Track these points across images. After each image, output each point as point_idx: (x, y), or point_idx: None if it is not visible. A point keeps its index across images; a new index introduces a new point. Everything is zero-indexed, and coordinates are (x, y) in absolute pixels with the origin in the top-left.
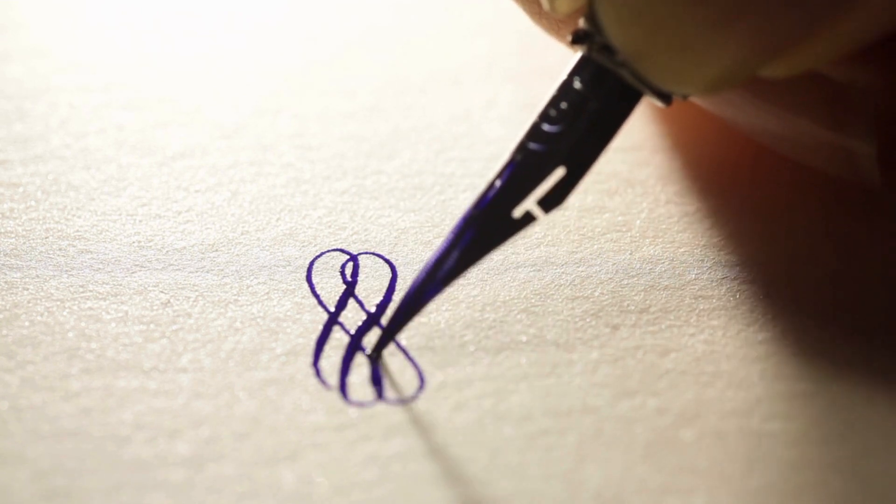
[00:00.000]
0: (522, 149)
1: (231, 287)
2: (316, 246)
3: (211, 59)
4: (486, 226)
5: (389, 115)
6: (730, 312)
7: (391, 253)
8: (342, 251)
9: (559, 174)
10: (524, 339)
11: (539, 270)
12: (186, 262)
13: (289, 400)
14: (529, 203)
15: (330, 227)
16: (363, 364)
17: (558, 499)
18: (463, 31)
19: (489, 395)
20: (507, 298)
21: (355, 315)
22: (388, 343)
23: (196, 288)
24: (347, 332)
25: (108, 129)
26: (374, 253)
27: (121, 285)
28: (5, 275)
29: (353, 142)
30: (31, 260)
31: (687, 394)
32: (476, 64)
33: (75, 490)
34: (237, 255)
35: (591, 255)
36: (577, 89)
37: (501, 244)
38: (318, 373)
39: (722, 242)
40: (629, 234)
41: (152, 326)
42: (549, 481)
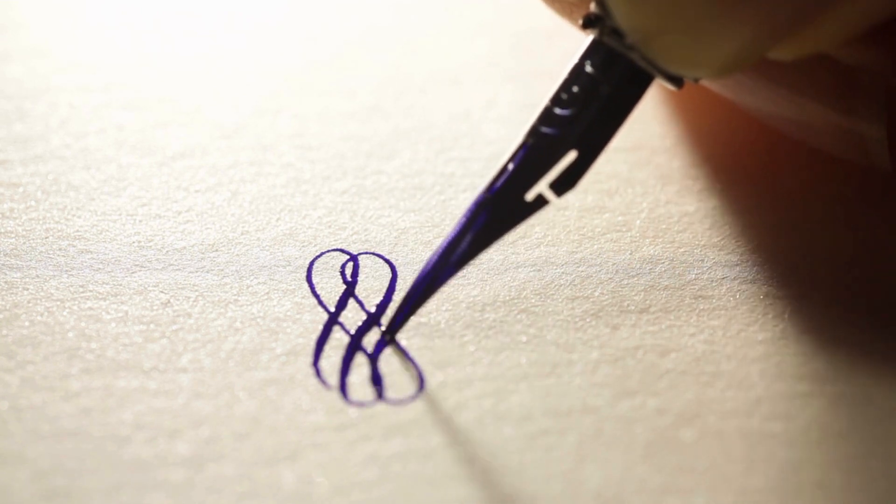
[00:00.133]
0: (534, 132)
1: (231, 287)
2: (316, 246)
3: (211, 59)
4: (499, 209)
5: (389, 115)
6: (730, 312)
7: (391, 253)
8: (342, 251)
9: (571, 157)
10: (524, 339)
11: (539, 270)
12: (186, 262)
13: (289, 400)
14: (542, 186)
15: (330, 227)
16: (363, 364)
17: (558, 499)
18: (463, 31)
19: (489, 395)
20: (507, 298)
21: (355, 315)
22: (402, 325)
23: (196, 288)
24: (347, 332)
25: (108, 129)
26: (374, 253)
27: (121, 285)
28: (5, 275)
29: (353, 142)
30: (31, 260)
31: (687, 394)
32: (476, 64)
33: (75, 490)
34: (237, 255)
35: (591, 255)
36: (588, 73)
37: (514, 227)
38: (318, 373)
39: (722, 242)
40: (629, 234)
41: (152, 326)
42: (549, 481)
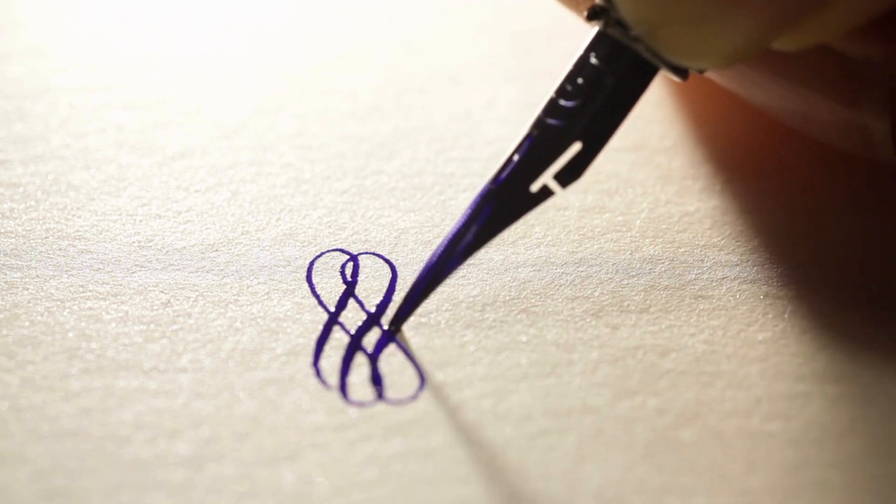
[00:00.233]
0: (540, 124)
1: (231, 287)
2: (316, 246)
3: (211, 59)
4: (504, 200)
5: (389, 115)
6: (730, 312)
7: (391, 253)
8: (342, 251)
9: (576, 149)
10: (524, 339)
11: (539, 270)
12: (186, 262)
13: (289, 400)
14: (547, 177)
15: (330, 227)
16: (363, 364)
17: (558, 499)
18: (463, 31)
19: (489, 395)
20: (507, 298)
21: (355, 315)
22: (407, 317)
23: (196, 288)
24: (347, 332)
25: (108, 129)
26: (374, 253)
27: (121, 285)
28: (5, 275)
29: (353, 142)
30: (31, 260)
31: (687, 394)
32: (476, 64)
33: (75, 490)
34: (237, 255)
35: (591, 255)
36: (593, 65)
37: (519, 218)
38: (318, 373)
39: (722, 242)
40: (629, 234)
41: (152, 326)
42: (549, 481)
